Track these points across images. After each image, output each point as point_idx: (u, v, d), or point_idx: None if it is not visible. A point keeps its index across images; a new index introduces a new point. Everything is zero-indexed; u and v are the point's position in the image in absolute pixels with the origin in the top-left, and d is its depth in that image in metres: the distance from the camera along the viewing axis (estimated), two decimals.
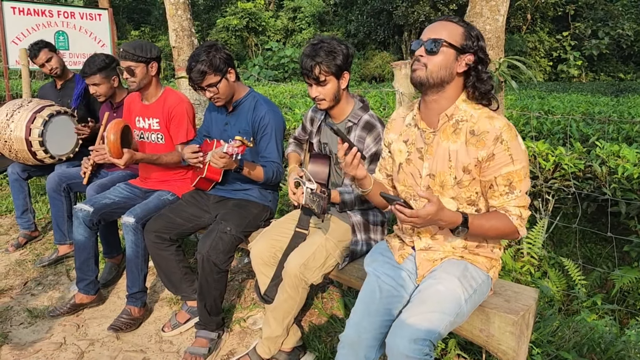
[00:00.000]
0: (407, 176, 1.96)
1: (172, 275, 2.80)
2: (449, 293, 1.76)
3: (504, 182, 1.75)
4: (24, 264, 3.68)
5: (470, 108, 1.81)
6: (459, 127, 1.80)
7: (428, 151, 1.88)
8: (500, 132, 1.72)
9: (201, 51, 2.53)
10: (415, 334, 1.66)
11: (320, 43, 2.26)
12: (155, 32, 27.51)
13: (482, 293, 1.87)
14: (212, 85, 2.57)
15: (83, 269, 3.02)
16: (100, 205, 2.97)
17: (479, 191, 1.83)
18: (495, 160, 1.73)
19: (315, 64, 2.24)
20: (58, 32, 6.52)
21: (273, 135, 2.68)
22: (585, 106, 7.37)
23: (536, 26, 24.65)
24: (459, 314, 1.77)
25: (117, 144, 2.76)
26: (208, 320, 2.63)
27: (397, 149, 2.00)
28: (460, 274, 1.82)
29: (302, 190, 2.19)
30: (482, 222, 1.75)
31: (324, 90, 2.30)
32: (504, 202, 1.77)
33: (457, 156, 1.80)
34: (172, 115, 3.02)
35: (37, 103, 3.73)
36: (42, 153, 3.64)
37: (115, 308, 3.10)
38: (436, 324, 1.70)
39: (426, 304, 1.75)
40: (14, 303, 3.14)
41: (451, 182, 1.83)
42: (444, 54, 1.73)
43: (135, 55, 2.88)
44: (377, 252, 2.07)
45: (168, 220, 2.77)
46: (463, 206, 1.86)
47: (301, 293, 2.27)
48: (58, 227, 3.60)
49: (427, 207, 1.65)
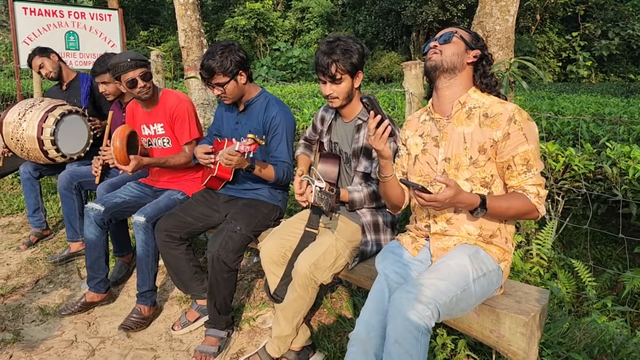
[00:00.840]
0: (423, 165, 2.04)
1: (182, 274, 2.82)
2: (458, 268, 1.82)
3: (522, 161, 1.83)
4: (36, 262, 3.71)
5: (482, 97, 1.94)
6: (472, 113, 1.92)
7: (443, 137, 1.97)
8: (513, 113, 1.84)
9: (216, 50, 2.56)
10: (421, 294, 1.70)
11: (337, 41, 2.28)
12: (164, 32, 27.62)
13: (491, 282, 1.88)
14: (219, 84, 2.59)
15: (94, 267, 3.04)
16: (111, 204, 3.00)
17: (495, 173, 1.89)
18: (511, 139, 1.82)
19: (331, 62, 2.25)
20: (68, 33, 6.57)
21: (284, 136, 2.69)
22: (595, 107, 7.32)
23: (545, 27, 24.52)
24: (466, 291, 1.79)
25: (123, 151, 2.78)
26: (218, 319, 2.64)
27: (414, 143, 2.10)
28: (471, 254, 1.87)
29: (311, 188, 2.19)
30: (500, 202, 1.83)
31: (337, 89, 2.31)
32: (521, 182, 1.84)
33: (472, 137, 1.89)
34: (174, 117, 3.04)
35: (49, 102, 3.76)
36: (54, 152, 3.67)
37: (126, 306, 3.12)
38: (443, 290, 1.73)
39: (435, 273, 1.81)
40: (26, 301, 3.17)
41: (466, 163, 1.90)
42: (456, 44, 1.92)
43: (144, 61, 2.91)
44: (388, 250, 2.08)
45: (178, 219, 2.78)
46: (477, 188, 1.91)
47: (311, 293, 2.28)
48: (70, 224, 3.63)
49: (445, 191, 1.73)
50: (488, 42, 4.46)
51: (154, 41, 26.45)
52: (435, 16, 22.22)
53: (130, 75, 2.88)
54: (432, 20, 22.38)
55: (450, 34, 1.92)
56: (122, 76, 2.89)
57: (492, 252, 1.92)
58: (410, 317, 1.67)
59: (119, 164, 2.82)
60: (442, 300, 1.71)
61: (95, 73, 3.39)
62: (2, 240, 4.16)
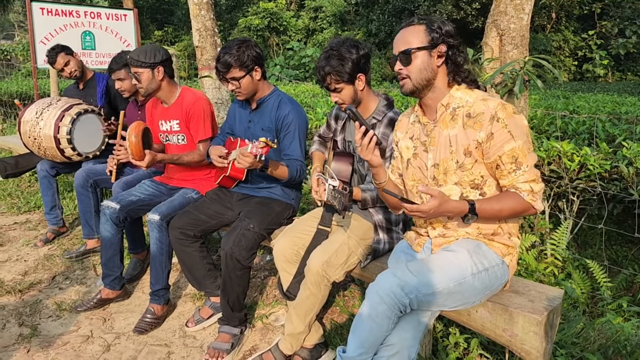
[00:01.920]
0: (416, 170, 2.02)
1: (196, 271, 2.84)
2: (455, 261, 1.81)
3: (509, 159, 1.78)
4: (52, 258, 3.77)
5: (465, 95, 1.88)
6: (456, 114, 1.87)
7: (431, 143, 1.94)
8: (495, 111, 1.77)
9: (233, 44, 2.58)
10: (405, 282, 1.71)
11: (330, 51, 2.26)
12: (178, 32, 27.81)
13: (495, 276, 1.87)
14: (235, 79, 2.61)
15: (109, 265, 3.08)
16: (126, 202, 3.03)
17: (485, 174, 1.86)
18: (495, 139, 1.77)
19: (325, 74, 2.26)
20: (85, 32, 6.64)
21: (296, 134, 2.70)
22: (611, 106, 7.23)
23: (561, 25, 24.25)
24: (462, 285, 1.78)
25: (138, 146, 2.81)
26: (231, 316, 2.66)
27: (405, 146, 2.07)
28: (471, 249, 1.86)
29: (324, 186, 2.20)
30: (491, 204, 1.79)
31: (341, 96, 2.32)
32: (513, 180, 1.80)
33: (457, 140, 1.86)
34: (190, 114, 3.07)
35: (66, 102, 3.82)
36: (70, 150, 3.72)
37: (140, 303, 3.16)
38: (430, 282, 1.74)
39: (429, 264, 1.81)
40: (43, 296, 3.22)
41: (453, 167, 1.87)
42: (418, 59, 1.82)
43: (139, 62, 2.93)
44: (399, 251, 2.09)
45: (192, 217, 2.81)
46: (467, 190, 1.89)
47: (323, 290, 2.29)
48: (86, 222, 3.68)
49: (430, 202, 1.72)
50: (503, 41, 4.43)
51: (168, 41, 26.64)
52: (449, 15, 22.09)
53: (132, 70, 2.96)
54: (446, 19, 22.25)
55: (407, 54, 1.81)
56: (132, 69, 2.97)
57: (495, 247, 1.92)
58: (386, 300, 1.71)
59: (134, 159, 2.85)
60: (428, 291, 1.72)
61: (112, 70, 3.44)
62: (20, 237, 4.23)
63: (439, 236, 1.97)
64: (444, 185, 1.91)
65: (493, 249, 1.90)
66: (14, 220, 4.66)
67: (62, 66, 3.97)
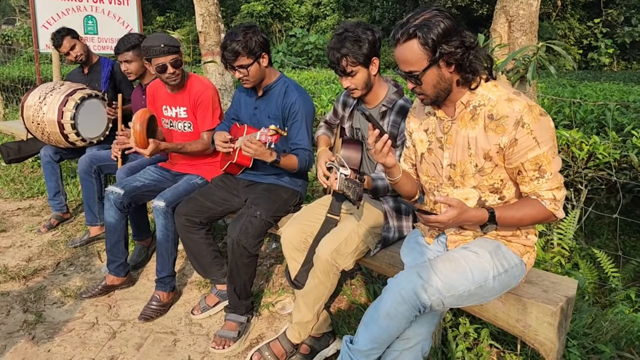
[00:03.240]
0: (430, 166, 1.94)
1: (202, 258, 2.81)
2: (478, 263, 1.76)
3: (533, 166, 1.68)
4: (56, 244, 3.74)
5: (487, 91, 1.75)
6: (477, 113, 1.75)
7: (447, 140, 1.85)
8: (521, 115, 1.65)
9: (239, 31, 2.51)
10: (430, 283, 1.67)
11: (345, 32, 2.19)
12: (180, 17, 27.62)
13: (513, 277, 1.84)
14: (243, 66, 2.55)
15: (113, 251, 3.05)
16: (130, 188, 3.00)
17: (504, 178, 1.78)
18: (519, 146, 1.67)
19: (341, 56, 2.18)
20: (87, 17, 6.57)
21: (304, 122, 2.65)
22: (619, 95, 7.16)
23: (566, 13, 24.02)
24: (483, 287, 1.75)
25: (143, 134, 2.77)
26: (238, 304, 2.63)
27: (419, 138, 1.99)
28: (492, 250, 1.81)
29: (336, 175, 2.16)
30: (512, 212, 1.72)
31: (354, 80, 2.26)
32: (535, 188, 1.71)
33: (477, 143, 1.76)
34: (198, 103, 3.02)
35: (69, 86, 3.77)
36: (74, 136, 3.68)
37: (145, 290, 3.14)
38: (454, 284, 1.70)
39: (452, 263, 1.75)
40: (47, 283, 3.19)
41: (472, 171, 1.79)
42: (427, 77, 1.70)
43: (176, 47, 2.89)
44: (413, 241, 2.04)
45: (198, 204, 2.77)
46: (485, 194, 1.81)
47: (332, 279, 2.26)
48: (89, 208, 3.65)
49: (448, 212, 1.66)
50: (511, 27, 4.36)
51: (170, 27, 26.44)
52: (454, 2, 21.88)
53: (161, 61, 2.86)
54: (451, 6, 22.04)
55: (416, 78, 1.69)
56: (153, 60, 2.86)
57: (513, 247, 1.86)
58: (408, 300, 1.67)
59: (137, 147, 2.82)
60: (450, 293, 1.69)
61: (119, 51, 3.37)
62: (24, 223, 4.20)
63: (454, 234, 1.92)
64: (460, 187, 1.84)
65: (512, 249, 1.85)
66: (17, 206, 4.63)
67: (68, 50, 3.91)
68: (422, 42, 1.63)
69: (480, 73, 1.72)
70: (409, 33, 1.65)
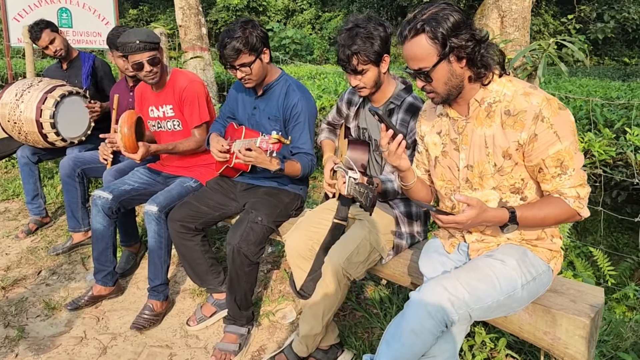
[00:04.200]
0: (445, 170, 1.84)
1: (198, 266, 2.66)
2: (505, 272, 1.66)
3: (554, 162, 1.59)
4: (36, 251, 3.52)
5: (502, 87, 1.66)
6: (493, 110, 1.66)
7: (463, 141, 1.75)
8: (540, 109, 1.56)
9: (236, 27, 2.34)
10: (456, 296, 1.57)
11: (356, 28, 2.05)
12: (154, 10, 26.97)
13: (541, 284, 1.75)
14: (245, 65, 2.38)
15: (101, 259, 2.87)
16: (119, 192, 2.82)
17: (525, 177, 1.68)
18: (540, 141, 1.57)
19: (352, 54, 2.05)
20: (61, 9, 6.30)
21: (306, 124, 2.51)
22: (602, 91, 7.18)
23: (541, 9, 24.27)
24: (512, 297, 1.66)
25: (131, 138, 2.60)
26: (238, 315, 2.49)
27: (432, 141, 1.88)
28: (519, 257, 1.71)
29: (344, 179, 2.02)
30: (533, 212, 1.63)
31: (364, 79, 2.12)
32: (557, 185, 1.62)
33: (494, 141, 1.66)
34: (184, 98, 2.86)
35: (48, 83, 3.55)
36: (54, 135, 3.47)
37: (136, 299, 2.96)
38: (482, 296, 1.60)
39: (477, 272, 1.65)
40: (29, 294, 2.99)
41: (491, 171, 1.69)
42: (437, 73, 1.61)
43: (154, 44, 2.71)
44: (432, 250, 1.91)
45: (193, 209, 2.61)
46: (506, 195, 1.72)
47: (343, 289, 2.13)
48: (72, 214, 3.44)
49: (466, 212, 1.56)
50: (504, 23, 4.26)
51: (144, 20, 25.82)
52: None
53: (137, 58, 2.68)
54: (428, 0, 22.06)
55: (425, 74, 1.61)
56: (129, 57, 2.69)
57: (539, 252, 1.77)
58: (435, 315, 1.56)
59: (126, 152, 2.65)
60: (477, 305, 1.60)
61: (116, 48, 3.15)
62: (0, 228, 3.96)
63: (476, 241, 1.81)
64: (479, 189, 1.74)
65: (538, 254, 1.75)
66: None
67: (47, 44, 3.67)
68: (431, 36, 1.55)
69: (492, 68, 1.64)
70: (417, 28, 1.56)
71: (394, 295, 2.68)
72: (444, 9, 1.55)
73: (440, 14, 1.54)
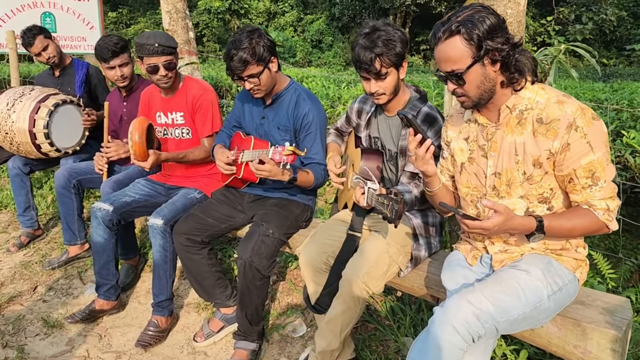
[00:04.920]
0: (471, 177, 1.81)
1: (204, 280, 2.58)
2: (531, 283, 1.62)
3: (586, 173, 1.56)
4: (30, 266, 3.40)
5: (534, 94, 1.63)
6: (524, 117, 1.63)
7: (491, 148, 1.72)
8: (574, 117, 1.52)
9: (243, 37, 2.27)
10: (481, 309, 1.53)
11: (376, 32, 2.01)
12: (134, 13, 26.63)
13: (568, 294, 1.72)
14: (253, 76, 2.31)
15: (102, 273, 2.78)
16: (120, 204, 2.73)
17: (554, 187, 1.65)
18: (572, 151, 1.54)
19: (375, 56, 1.99)
20: (45, 14, 6.15)
21: (318, 134, 2.45)
22: (591, 93, 7.26)
23: None
24: (538, 309, 1.62)
25: (142, 146, 2.53)
26: (249, 330, 2.42)
27: (458, 147, 1.84)
28: (544, 267, 1.67)
29: (363, 190, 1.97)
30: (561, 222, 1.59)
31: (384, 84, 2.07)
32: (587, 196, 1.59)
33: (525, 149, 1.63)
34: (197, 107, 2.80)
35: (41, 91, 3.43)
36: (48, 146, 3.35)
37: (138, 315, 2.87)
38: (507, 308, 1.56)
39: (500, 284, 1.61)
40: (26, 311, 2.88)
41: (519, 179, 1.66)
42: (471, 75, 1.57)
43: (172, 48, 2.66)
44: (455, 264, 1.87)
45: (198, 221, 2.54)
46: (534, 205, 1.69)
47: (361, 303, 2.08)
48: (68, 226, 3.32)
49: (493, 218, 1.52)
50: None
51: (123, 23, 25.48)
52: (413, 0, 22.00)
53: (153, 61, 2.62)
54: (410, 3, 22.17)
55: (459, 77, 1.57)
56: (145, 59, 2.63)
57: (565, 261, 1.73)
58: (460, 330, 1.52)
59: (136, 160, 2.58)
60: (503, 318, 1.56)
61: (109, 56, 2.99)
62: None
63: (500, 252, 1.77)
64: (506, 197, 1.71)
65: (564, 264, 1.72)
66: None
67: (40, 50, 3.55)
68: (467, 38, 1.52)
69: (526, 74, 1.61)
70: (452, 30, 1.54)
71: (407, 306, 2.63)
72: (479, 11, 1.52)
73: (476, 16, 1.52)
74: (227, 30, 25.00)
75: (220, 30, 24.52)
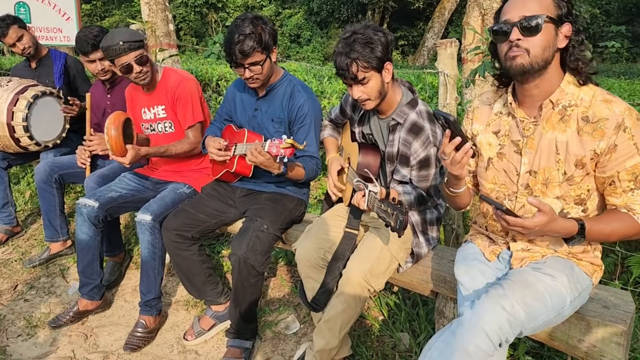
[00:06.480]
0: (499, 173, 1.73)
1: (195, 277, 2.51)
2: (555, 287, 1.57)
3: (629, 177, 1.51)
4: (10, 264, 3.27)
5: (579, 91, 1.54)
6: (567, 114, 1.55)
7: (528, 144, 1.63)
8: (622, 118, 1.46)
9: (245, 23, 2.17)
10: (513, 315, 1.47)
11: (354, 35, 1.92)
12: (108, 5, 26.07)
13: (583, 299, 1.69)
14: (256, 63, 2.23)
15: (87, 272, 2.68)
16: (106, 200, 2.64)
17: (592, 188, 1.60)
18: (618, 152, 1.48)
19: (351, 61, 1.90)
20: (19, 4, 5.95)
21: (312, 127, 2.39)
22: None
23: None
24: (559, 315, 1.59)
25: (119, 140, 2.41)
26: (243, 328, 2.37)
27: (486, 141, 1.76)
28: (568, 273, 1.62)
29: (363, 192, 1.91)
30: (601, 226, 1.54)
31: (366, 90, 1.98)
32: (628, 200, 1.54)
33: (568, 148, 1.55)
34: (176, 97, 2.70)
35: (19, 83, 3.30)
36: (27, 139, 3.23)
37: (124, 313, 2.79)
38: (536, 315, 1.52)
39: (530, 289, 1.55)
40: (7, 311, 2.77)
41: (559, 179, 1.59)
42: (545, 32, 1.46)
43: (139, 42, 2.55)
44: (471, 258, 1.81)
45: (189, 217, 2.46)
46: (569, 206, 1.63)
47: (362, 301, 2.04)
48: (50, 222, 3.20)
49: (536, 217, 1.45)
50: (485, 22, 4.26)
51: (98, 15, 24.92)
52: None
53: (124, 60, 2.51)
54: None
55: (539, 20, 1.43)
56: (115, 60, 2.52)
57: (583, 265, 1.70)
58: (493, 337, 1.46)
59: (114, 155, 2.46)
60: (531, 325, 1.52)
61: (89, 49, 2.91)
62: None
63: (521, 250, 1.72)
64: (541, 197, 1.63)
65: (583, 268, 1.68)
66: None
67: (14, 41, 3.40)
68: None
69: (580, 69, 1.52)
70: None
71: (401, 301, 2.61)
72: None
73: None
74: (204, 24, 24.67)
75: (198, 24, 24.16)
